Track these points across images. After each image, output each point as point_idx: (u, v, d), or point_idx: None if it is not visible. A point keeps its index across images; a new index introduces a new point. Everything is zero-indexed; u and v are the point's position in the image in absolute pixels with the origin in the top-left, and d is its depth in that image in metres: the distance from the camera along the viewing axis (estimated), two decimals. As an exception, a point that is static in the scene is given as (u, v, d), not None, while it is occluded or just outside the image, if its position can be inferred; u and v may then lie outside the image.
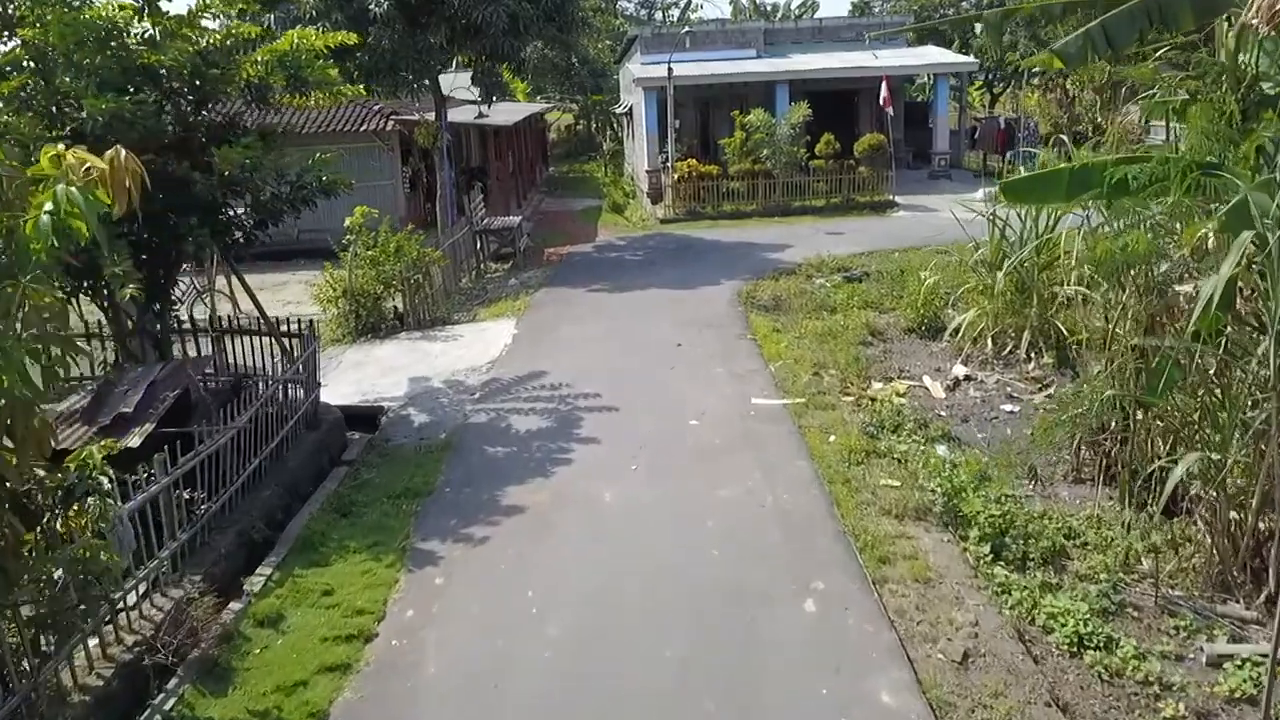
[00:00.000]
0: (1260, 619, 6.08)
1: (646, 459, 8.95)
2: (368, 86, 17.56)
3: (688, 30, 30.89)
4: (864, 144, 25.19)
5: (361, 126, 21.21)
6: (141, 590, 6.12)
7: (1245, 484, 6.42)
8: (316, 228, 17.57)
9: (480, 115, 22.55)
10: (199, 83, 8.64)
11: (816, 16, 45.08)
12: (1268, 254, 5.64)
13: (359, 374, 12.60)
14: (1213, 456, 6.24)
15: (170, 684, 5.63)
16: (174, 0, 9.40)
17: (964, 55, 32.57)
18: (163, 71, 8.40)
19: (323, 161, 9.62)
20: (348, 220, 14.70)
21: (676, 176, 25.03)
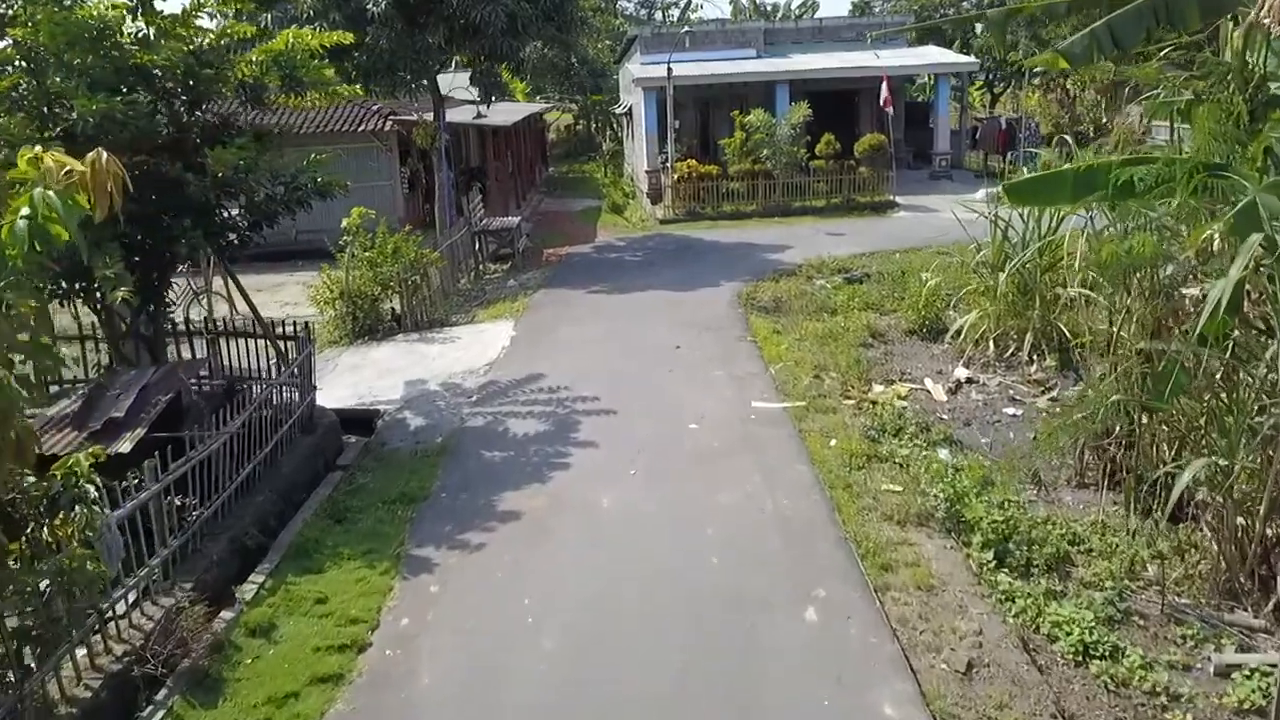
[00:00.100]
0: (1269, 628, 5.99)
1: (645, 463, 8.85)
2: (366, 86, 17.49)
3: (687, 30, 30.80)
4: (864, 144, 25.11)
5: (359, 127, 21.11)
6: (131, 599, 6.02)
7: (1252, 490, 6.33)
8: (314, 228, 17.47)
9: (479, 115, 22.44)
10: (193, 83, 8.53)
11: (817, 16, 44.99)
12: (1277, 257, 5.56)
13: (355, 376, 12.51)
14: (1220, 462, 6.14)
15: (159, 695, 5.53)
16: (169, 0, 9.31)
17: (965, 55, 32.47)
18: (156, 71, 8.30)
19: (318, 162, 9.50)
20: (344, 221, 14.58)
21: (676, 177, 24.93)
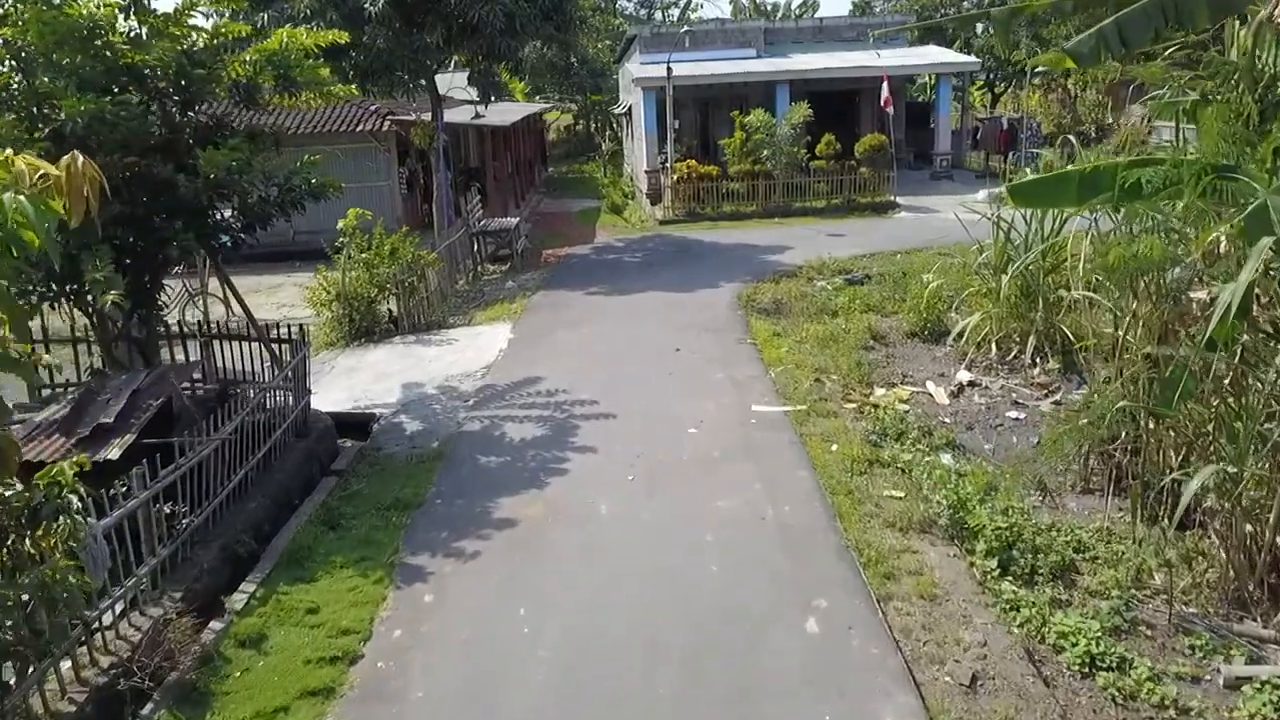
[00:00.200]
0: (1279, 638, 5.87)
1: (644, 469, 8.73)
2: (363, 86, 17.38)
3: (687, 30, 30.65)
4: (865, 144, 24.98)
5: (357, 127, 21.01)
6: (118, 610, 5.90)
7: (1261, 497, 6.21)
8: (313, 229, 17.35)
9: (477, 115, 22.31)
10: (185, 83, 8.42)
11: (817, 16, 44.83)
12: (1288, 261, 5.45)
13: (351, 379, 12.39)
14: (1228, 469, 6.02)
15: (145, 709, 5.41)
16: (162, -2, 9.21)
17: (966, 55, 32.34)
18: (147, 71, 8.18)
19: (311, 163, 9.38)
20: (341, 223, 14.45)
21: (676, 177, 24.81)
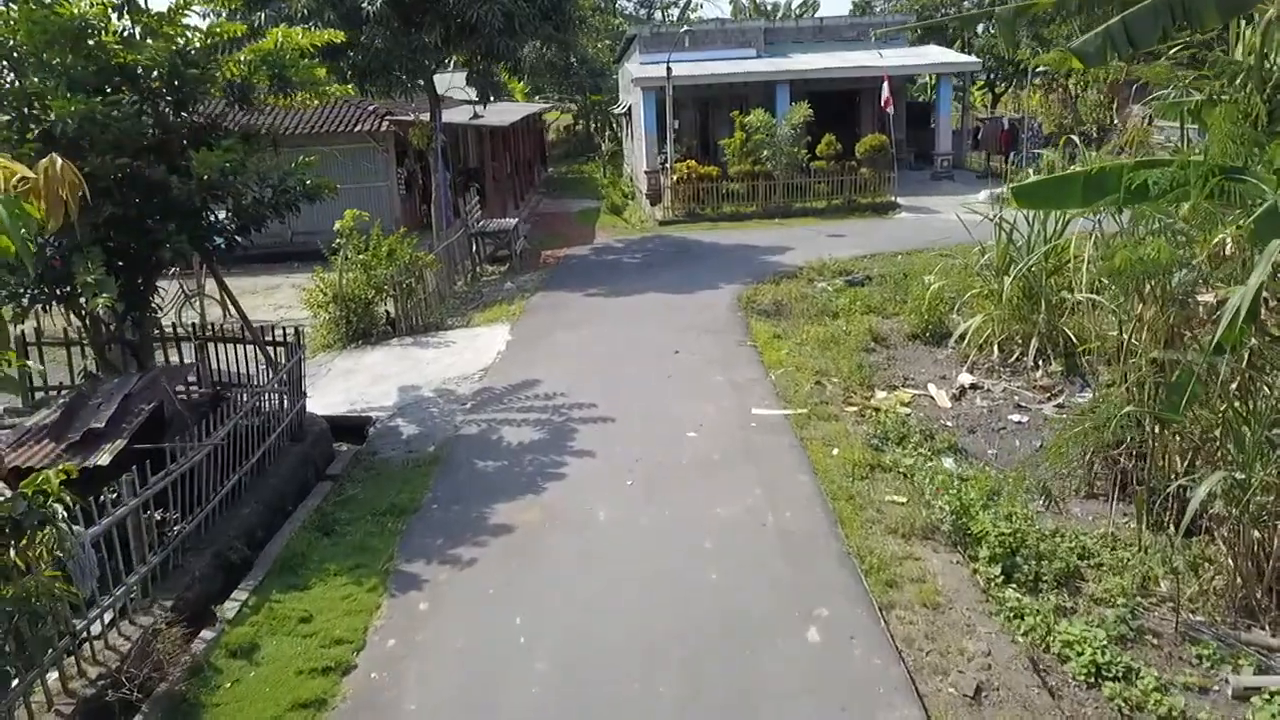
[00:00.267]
0: (1288, 648, 5.78)
1: (643, 473, 8.63)
2: (361, 86, 17.29)
3: (687, 30, 30.55)
4: (865, 145, 24.88)
5: (356, 127, 20.90)
6: (107, 619, 5.79)
7: (1269, 503, 6.11)
8: (310, 230, 17.29)
9: (476, 116, 22.20)
10: (178, 83, 8.31)
11: (817, 16, 44.67)
12: (1298, 264, 5.35)
13: (348, 382, 12.29)
14: (1236, 475, 5.93)
15: (134, 722, 5.32)
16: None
17: (966, 55, 32.24)
18: (139, 71, 8.08)
19: (306, 164, 9.28)
20: (337, 224, 14.35)
21: (675, 178, 24.71)
